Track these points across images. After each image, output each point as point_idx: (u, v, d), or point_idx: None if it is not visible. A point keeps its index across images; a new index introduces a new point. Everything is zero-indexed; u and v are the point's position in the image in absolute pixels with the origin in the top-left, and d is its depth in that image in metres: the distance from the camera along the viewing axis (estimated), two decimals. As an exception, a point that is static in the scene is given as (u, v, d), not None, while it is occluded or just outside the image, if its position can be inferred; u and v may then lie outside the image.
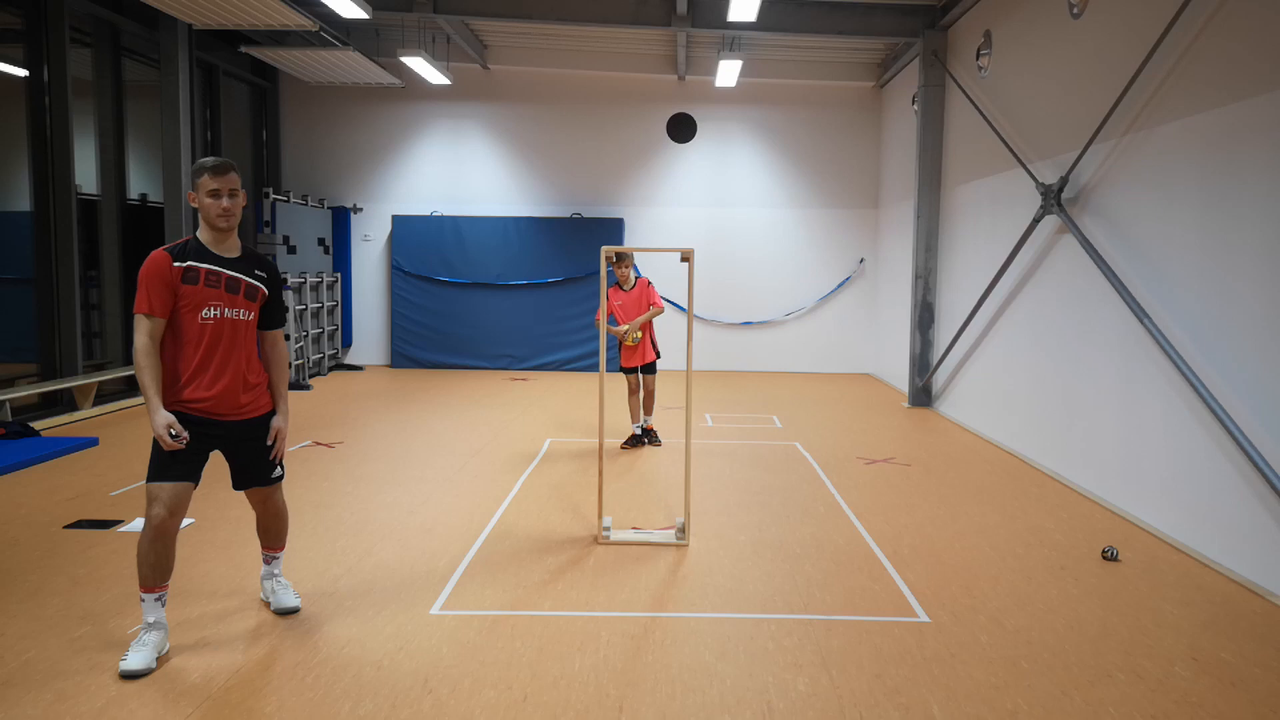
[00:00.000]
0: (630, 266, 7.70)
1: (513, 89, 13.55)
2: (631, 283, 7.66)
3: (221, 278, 3.64)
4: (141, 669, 3.43)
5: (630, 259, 7.75)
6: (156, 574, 3.55)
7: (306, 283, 12.26)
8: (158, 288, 3.53)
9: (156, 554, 3.53)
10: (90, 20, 9.63)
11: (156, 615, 3.57)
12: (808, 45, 12.23)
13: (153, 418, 3.50)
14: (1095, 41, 6.66)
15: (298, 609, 4.06)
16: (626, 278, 7.65)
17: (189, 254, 3.61)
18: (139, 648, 3.50)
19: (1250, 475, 4.73)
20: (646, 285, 7.66)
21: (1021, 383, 7.90)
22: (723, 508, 5.94)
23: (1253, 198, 4.81)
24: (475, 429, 8.64)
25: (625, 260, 7.64)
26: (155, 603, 3.57)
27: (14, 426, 7.60)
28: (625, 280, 7.66)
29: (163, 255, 3.57)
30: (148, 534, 3.52)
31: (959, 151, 9.77)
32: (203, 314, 3.60)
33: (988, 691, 3.43)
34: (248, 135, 13.15)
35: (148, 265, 3.56)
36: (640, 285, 7.65)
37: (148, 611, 3.56)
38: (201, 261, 3.61)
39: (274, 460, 3.89)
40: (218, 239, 3.68)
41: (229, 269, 3.67)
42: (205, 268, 3.61)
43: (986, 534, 5.46)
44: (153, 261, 3.56)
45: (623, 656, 3.68)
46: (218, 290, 3.63)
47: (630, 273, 7.67)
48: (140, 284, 3.55)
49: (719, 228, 13.72)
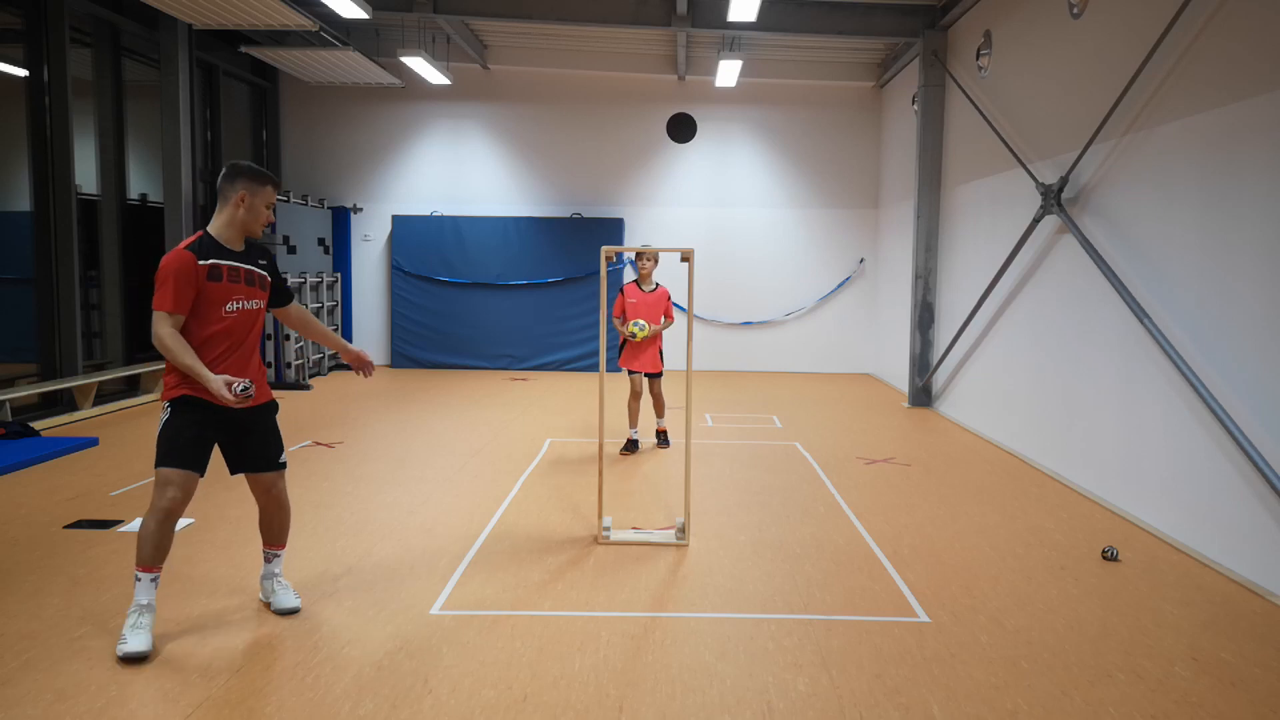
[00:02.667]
0: (654, 263, 7.56)
1: (513, 89, 13.55)
2: (652, 285, 7.58)
3: (240, 272, 3.81)
4: (144, 650, 3.53)
5: (655, 256, 7.59)
6: (158, 554, 3.65)
7: (306, 283, 12.26)
8: (184, 286, 3.63)
9: (162, 534, 3.63)
10: (90, 20, 9.63)
11: (149, 597, 3.67)
12: (808, 45, 12.23)
13: (211, 385, 3.58)
14: (1095, 41, 6.66)
15: (298, 609, 4.06)
16: (648, 275, 7.53)
17: (209, 251, 3.73)
18: (137, 630, 3.58)
19: (1250, 475, 4.73)
20: (667, 297, 7.59)
21: (1021, 383, 7.90)
22: (723, 508, 5.94)
23: (1253, 198, 4.81)
24: (475, 429, 8.64)
25: (650, 255, 7.51)
26: (151, 583, 3.67)
27: (14, 426, 7.60)
28: (647, 278, 7.55)
29: (188, 254, 3.66)
30: (156, 515, 3.61)
31: (959, 151, 9.78)
32: (226, 308, 3.74)
33: (988, 691, 3.43)
34: (248, 135, 13.15)
35: (173, 263, 3.63)
36: (661, 294, 7.57)
37: (142, 593, 3.65)
38: (222, 258, 3.75)
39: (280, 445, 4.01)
40: (234, 238, 3.82)
41: (243, 263, 3.83)
42: (227, 264, 3.76)
43: (986, 534, 5.46)
44: (179, 260, 3.64)
45: (623, 656, 3.68)
46: (239, 284, 3.79)
47: (654, 270, 7.55)
48: (164, 281, 3.62)
49: (719, 228, 13.72)
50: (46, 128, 8.76)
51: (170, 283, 3.61)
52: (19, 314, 8.99)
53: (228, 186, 3.79)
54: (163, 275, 3.63)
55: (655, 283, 7.60)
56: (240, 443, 3.90)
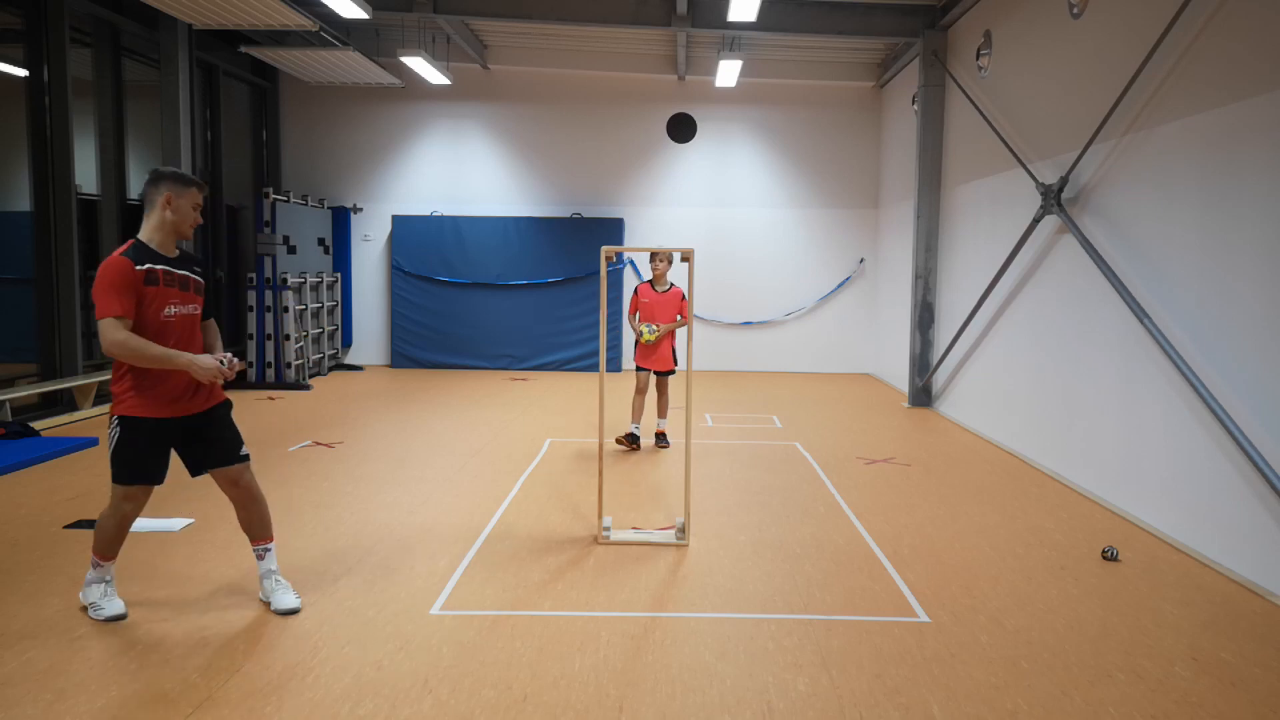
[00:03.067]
0: (667, 264, 7.58)
1: (513, 89, 13.55)
2: (666, 286, 7.65)
3: (175, 277, 3.86)
4: (122, 611, 3.92)
5: (668, 257, 7.60)
6: (115, 546, 3.96)
7: (306, 283, 12.25)
8: (126, 292, 3.67)
9: (120, 533, 3.93)
10: (90, 20, 9.63)
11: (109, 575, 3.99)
12: (808, 45, 12.23)
13: (195, 365, 3.68)
14: (1095, 41, 6.66)
15: (298, 609, 4.06)
16: (662, 276, 7.60)
17: (143, 256, 3.77)
18: (109, 598, 3.94)
19: (1250, 475, 4.73)
20: (681, 298, 7.64)
21: (1021, 383, 7.90)
22: (723, 508, 5.94)
23: (1253, 198, 4.81)
24: (475, 429, 8.64)
25: (663, 257, 7.54)
26: (108, 566, 3.97)
27: (14, 426, 7.60)
28: (660, 280, 7.63)
29: (124, 260, 3.71)
30: (116, 520, 3.88)
31: (959, 151, 9.78)
32: (164, 312, 3.78)
33: (988, 691, 3.43)
34: (248, 135, 13.15)
35: (112, 272, 3.66)
36: (675, 294, 7.64)
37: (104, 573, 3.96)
38: (156, 263, 3.79)
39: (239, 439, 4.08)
40: (165, 242, 3.86)
41: (177, 268, 3.88)
42: (161, 269, 3.81)
43: (986, 534, 5.46)
44: (117, 267, 3.68)
45: (623, 656, 3.68)
46: (174, 289, 3.84)
47: (667, 271, 7.60)
48: (105, 290, 3.64)
49: (719, 228, 13.72)
50: (46, 128, 8.76)
51: (111, 290, 3.64)
52: (19, 314, 8.99)
53: (153, 192, 3.84)
54: (101, 284, 3.64)
55: (670, 283, 7.70)
56: (196, 445, 3.96)
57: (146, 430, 3.78)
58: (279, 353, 11.50)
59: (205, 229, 11.43)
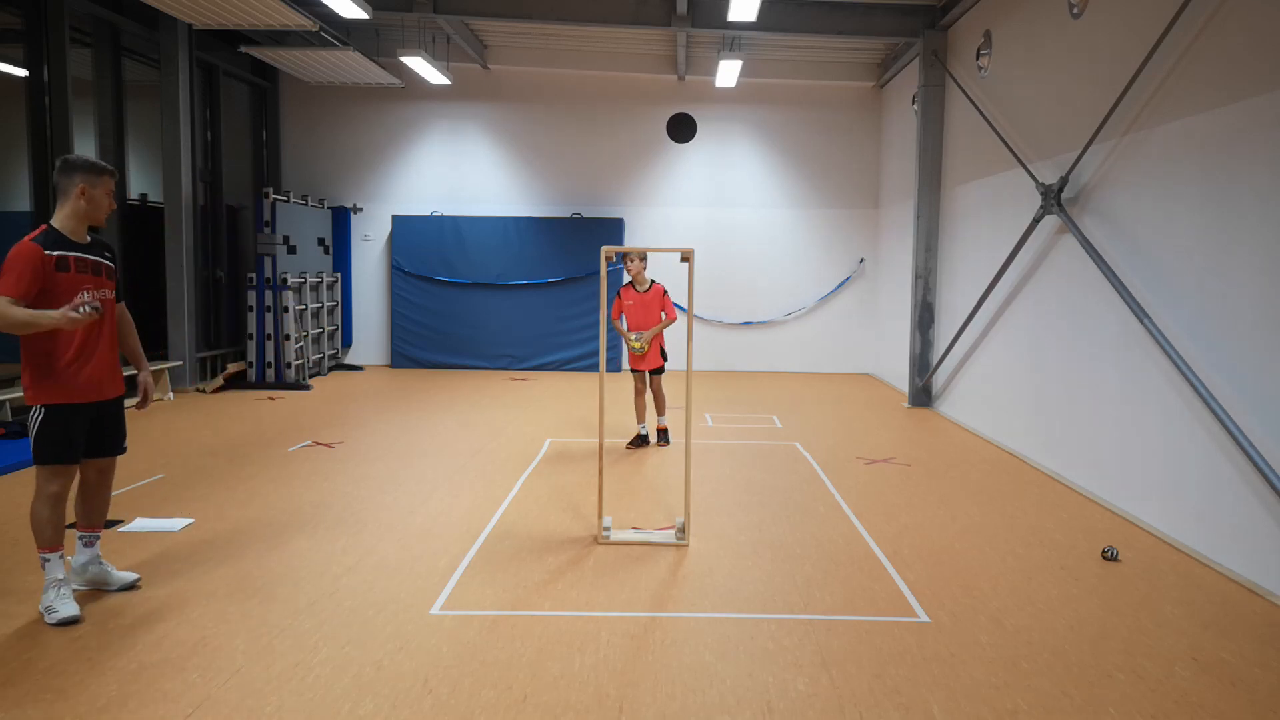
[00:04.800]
0: (642, 262, 7.50)
1: (513, 89, 13.55)
2: (646, 285, 7.52)
3: (87, 262, 3.98)
4: (76, 614, 3.87)
5: (642, 255, 7.54)
6: (58, 534, 3.95)
7: (306, 283, 12.25)
8: (29, 275, 3.76)
9: (58, 517, 3.94)
10: (90, 20, 9.63)
11: (62, 571, 3.95)
12: (808, 45, 12.23)
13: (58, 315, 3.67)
14: (1095, 41, 6.66)
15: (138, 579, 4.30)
16: (639, 276, 7.48)
17: (55, 243, 3.88)
18: (64, 600, 3.89)
19: (1250, 475, 4.73)
20: (663, 294, 7.51)
21: (1021, 383, 7.90)
22: (723, 508, 5.94)
23: (1253, 198, 4.81)
24: (475, 429, 8.64)
25: (636, 255, 7.40)
26: (59, 560, 3.95)
27: (14, 426, 7.59)
28: (639, 279, 7.49)
29: (34, 245, 3.82)
30: (49, 502, 3.91)
31: (959, 151, 9.78)
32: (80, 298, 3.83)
33: (988, 691, 3.43)
34: (248, 135, 13.15)
35: (20, 254, 3.77)
36: (656, 292, 7.50)
37: (55, 569, 3.93)
38: (68, 250, 3.91)
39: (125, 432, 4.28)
40: (78, 229, 3.99)
41: (89, 254, 4.00)
42: (74, 255, 3.93)
43: (986, 534, 5.46)
44: (27, 250, 3.79)
45: (623, 656, 3.68)
46: (86, 275, 3.95)
47: (643, 270, 7.51)
48: (8, 270, 3.74)
49: (719, 228, 13.72)
50: (46, 128, 8.76)
51: (14, 271, 3.74)
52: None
53: (66, 181, 3.94)
54: (8, 265, 3.75)
55: (650, 281, 7.55)
56: (95, 431, 4.09)
57: (65, 413, 3.92)
58: (279, 353, 11.50)
59: (206, 229, 11.44)
